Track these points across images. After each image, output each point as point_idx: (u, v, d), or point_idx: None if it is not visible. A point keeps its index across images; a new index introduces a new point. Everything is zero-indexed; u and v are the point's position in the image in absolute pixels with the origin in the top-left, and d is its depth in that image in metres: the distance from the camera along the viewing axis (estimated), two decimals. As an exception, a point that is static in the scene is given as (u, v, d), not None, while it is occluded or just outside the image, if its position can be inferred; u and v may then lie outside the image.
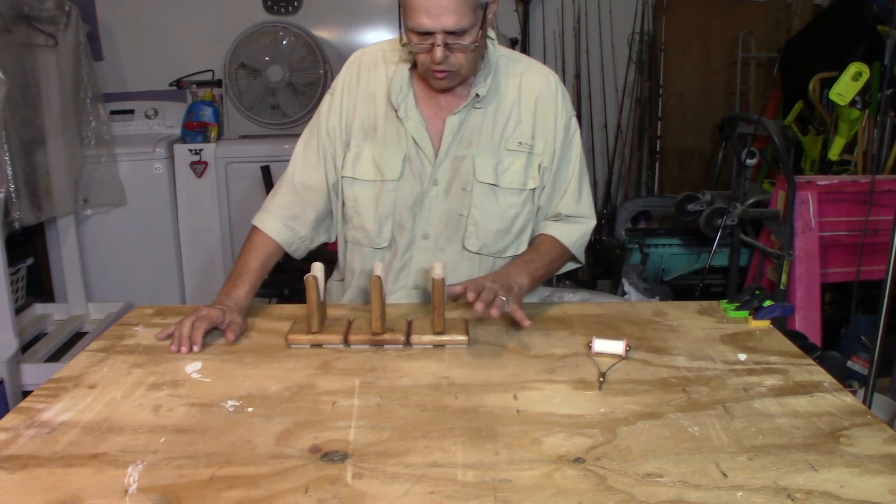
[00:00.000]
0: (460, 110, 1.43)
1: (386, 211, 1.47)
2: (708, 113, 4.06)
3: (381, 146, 1.46)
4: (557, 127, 1.48)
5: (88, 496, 0.85)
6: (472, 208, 1.46)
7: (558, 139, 1.49)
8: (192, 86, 3.76)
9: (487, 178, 1.45)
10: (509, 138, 1.46)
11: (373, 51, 1.51)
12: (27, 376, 2.85)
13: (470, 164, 1.45)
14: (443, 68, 1.32)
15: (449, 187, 1.46)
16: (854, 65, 2.74)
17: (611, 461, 0.91)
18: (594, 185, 4.16)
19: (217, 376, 1.17)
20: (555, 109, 1.48)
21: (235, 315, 1.34)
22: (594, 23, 3.98)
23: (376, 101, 1.47)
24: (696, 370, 1.18)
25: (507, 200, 1.47)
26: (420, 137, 1.44)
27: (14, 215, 2.77)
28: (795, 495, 0.84)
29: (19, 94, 2.84)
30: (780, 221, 2.58)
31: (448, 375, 1.16)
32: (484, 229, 1.47)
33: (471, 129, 1.45)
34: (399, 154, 1.45)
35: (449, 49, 1.30)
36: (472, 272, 1.50)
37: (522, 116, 1.46)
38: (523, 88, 1.47)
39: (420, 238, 1.49)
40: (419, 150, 1.45)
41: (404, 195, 1.46)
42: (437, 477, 0.88)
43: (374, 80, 1.47)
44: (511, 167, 1.46)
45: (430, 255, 1.49)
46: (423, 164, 1.45)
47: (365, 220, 1.49)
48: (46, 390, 1.12)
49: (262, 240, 1.49)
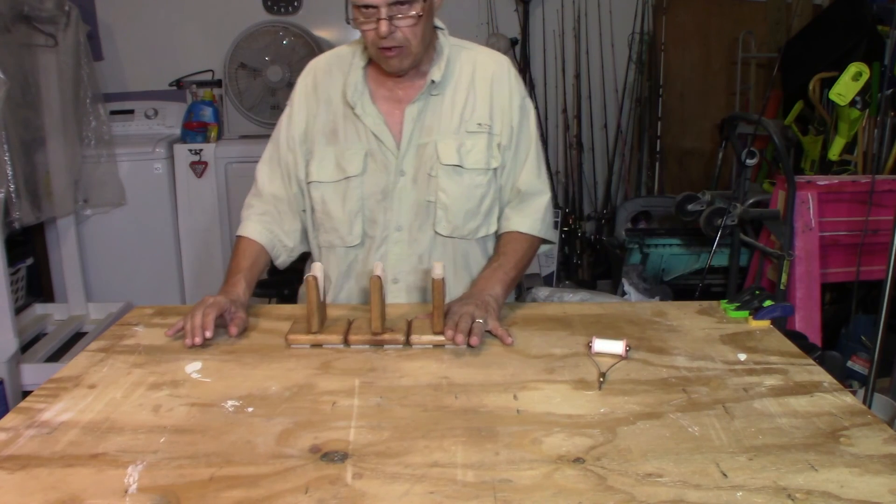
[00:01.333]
0: (418, 99, 1.46)
1: (354, 207, 1.49)
2: (708, 113, 4.06)
3: (343, 146, 1.49)
4: (513, 107, 1.52)
5: (88, 496, 0.85)
6: (440, 192, 1.48)
7: (514, 119, 1.52)
8: (192, 86, 3.76)
9: (451, 160, 1.47)
10: (468, 120, 1.49)
11: (326, 57, 1.55)
12: (27, 376, 2.85)
13: (433, 149, 1.47)
14: (390, 44, 1.34)
15: (416, 175, 1.48)
16: (854, 65, 2.73)
17: (611, 461, 0.91)
18: (594, 184, 4.17)
19: (217, 376, 1.17)
20: (509, 90, 1.51)
21: (239, 309, 1.35)
22: (594, 23, 3.97)
23: (334, 105, 1.50)
24: (696, 370, 1.18)
25: (472, 181, 1.49)
26: (380, 131, 1.47)
27: (14, 215, 2.78)
28: (795, 495, 0.84)
29: (19, 94, 2.84)
30: (780, 221, 2.58)
31: (448, 375, 1.16)
32: (453, 212, 1.49)
33: (430, 117, 1.48)
34: (360, 150, 1.48)
35: (394, 24, 1.32)
36: (446, 256, 1.52)
37: (479, 98, 1.49)
38: (477, 72, 1.51)
39: (394, 230, 1.50)
40: (381, 144, 1.47)
41: (371, 189, 1.49)
42: (437, 477, 0.88)
43: (330, 84, 1.51)
44: (474, 148, 1.48)
45: (405, 247, 1.51)
46: (387, 156, 1.48)
47: (335, 221, 1.51)
48: (46, 390, 1.12)
49: (247, 243, 1.52)
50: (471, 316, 1.29)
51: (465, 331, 1.25)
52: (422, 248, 1.51)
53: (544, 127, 4.07)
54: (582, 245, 4.08)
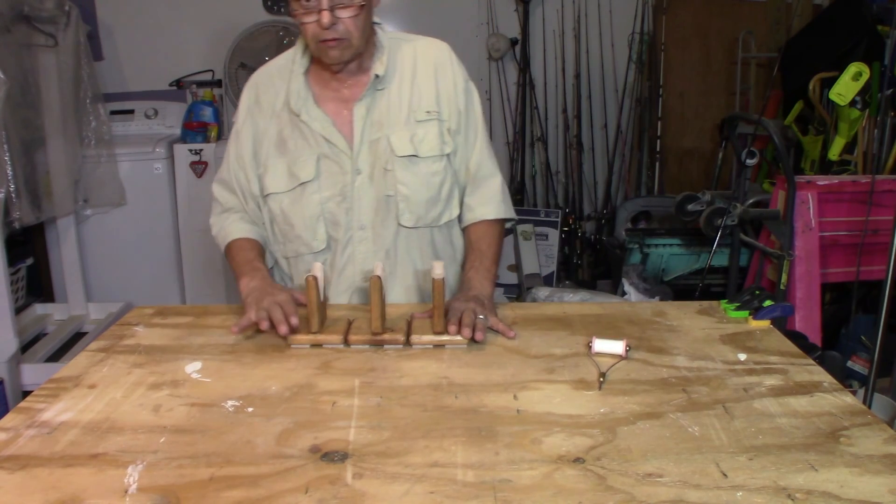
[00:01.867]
0: (364, 96, 1.46)
1: (314, 212, 1.49)
2: (708, 113, 4.06)
3: (294, 155, 1.48)
4: (458, 91, 1.52)
5: (88, 496, 0.85)
6: (399, 185, 1.47)
7: (460, 102, 1.52)
8: (192, 86, 3.76)
9: (406, 151, 1.47)
10: (416, 110, 1.49)
11: (266, 69, 1.55)
12: (27, 376, 2.85)
13: (386, 143, 1.47)
14: (331, 35, 1.34)
15: (372, 172, 1.48)
16: (854, 65, 2.73)
17: (611, 461, 0.91)
18: (594, 184, 4.17)
19: (217, 376, 1.17)
20: (452, 76, 1.52)
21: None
22: (594, 23, 3.98)
23: (279, 115, 1.50)
24: (696, 370, 1.18)
25: (429, 169, 1.49)
26: (329, 133, 1.46)
27: (14, 215, 2.78)
28: (795, 495, 0.84)
29: (19, 94, 2.84)
30: (780, 221, 2.58)
31: (448, 375, 1.16)
32: (414, 202, 1.49)
33: (379, 112, 1.47)
34: (312, 155, 1.47)
35: (336, 15, 1.32)
36: (413, 248, 1.53)
37: (423, 87, 1.50)
38: (418, 61, 1.51)
39: (357, 230, 1.50)
40: (332, 146, 1.47)
41: (328, 192, 1.48)
42: (437, 477, 0.88)
43: (274, 95, 1.50)
44: (426, 136, 1.48)
45: (370, 244, 1.50)
46: (341, 157, 1.47)
47: (297, 228, 1.50)
48: (46, 390, 1.12)
49: (240, 242, 1.52)
50: (473, 311, 1.31)
51: (470, 325, 1.27)
52: (387, 243, 1.50)
53: (544, 127, 4.07)
54: (582, 245, 4.08)
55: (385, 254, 1.51)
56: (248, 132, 1.52)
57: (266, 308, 1.29)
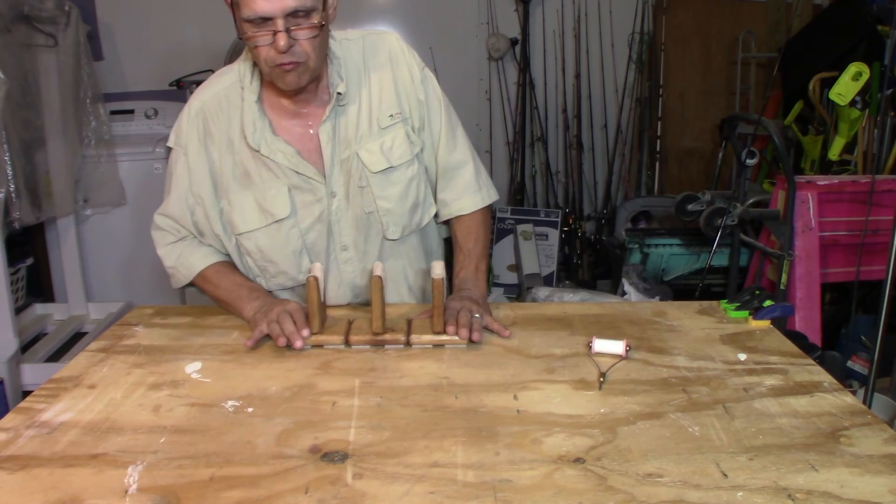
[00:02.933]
0: (328, 117, 1.36)
1: (296, 247, 1.41)
2: (708, 113, 4.06)
3: (261, 189, 1.37)
4: (415, 83, 1.42)
5: (88, 496, 0.85)
6: (378, 201, 1.41)
7: (419, 94, 1.43)
8: (192, 86, 3.75)
9: (380, 166, 1.39)
10: (380, 116, 1.39)
11: (212, 94, 1.39)
12: (27, 376, 2.85)
13: (356, 160, 1.38)
14: (288, 59, 1.21)
15: (347, 192, 1.40)
16: (854, 65, 2.73)
17: (611, 461, 0.91)
18: (594, 184, 4.17)
19: (217, 376, 1.17)
20: (407, 67, 1.42)
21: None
22: (594, 23, 3.98)
23: (236, 147, 1.37)
24: (696, 370, 1.18)
25: (404, 175, 1.42)
26: (296, 164, 1.36)
27: (14, 215, 2.78)
28: (796, 495, 0.84)
29: (19, 94, 2.84)
30: (780, 221, 2.58)
31: (448, 375, 1.16)
32: (397, 214, 1.43)
33: (345, 128, 1.38)
34: (282, 189, 1.37)
35: (293, 37, 1.20)
36: (399, 256, 1.49)
37: (384, 88, 1.40)
38: (369, 59, 1.40)
39: (340, 251, 1.44)
40: (301, 176, 1.37)
41: (307, 223, 1.40)
42: (437, 477, 0.88)
43: (226, 125, 1.37)
44: (395, 142, 1.40)
45: (356, 263, 1.46)
46: (313, 185, 1.39)
47: (280, 264, 1.43)
48: (46, 390, 1.12)
49: (215, 268, 1.44)
50: (469, 311, 1.31)
51: (467, 325, 1.27)
52: (372, 258, 1.46)
53: (544, 127, 4.07)
54: (582, 245, 4.08)
55: (375, 267, 1.47)
56: (202, 167, 1.39)
57: (276, 319, 1.28)
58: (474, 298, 1.38)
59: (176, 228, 1.46)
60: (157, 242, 1.50)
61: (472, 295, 1.40)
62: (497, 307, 1.45)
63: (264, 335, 1.29)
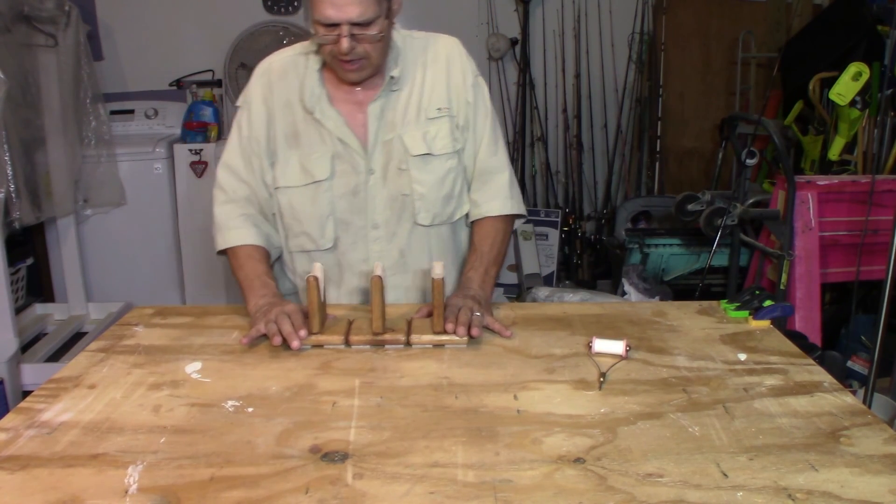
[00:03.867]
0: (379, 97, 1.47)
1: (324, 211, 1.49)
2: (708, 113, 4.06)
3: (307, 150, 1.48)
4: (466, 86, 1.52)
5: (88, 496, 0.85)
6: (414, 184, 1.49)
7: (469, 97, 1.53)
8: (192, 86, 3.76)
9: (420, 150, 1.48)
10: (427, 107, 1.50)
11: (280, 59, 1.53)
12: (27, 376, 2.85)
13: (399, 143, 1.48)
14: (350, 58, 1.35)
15: (385, 172, 1.49)
16: (854, 65, 2.73)
17: (611, 461, 0.91)
18: (594, 184, 4.17)
19: (217, 376, 1.17)
20: (462, 71, 1.52)
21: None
22: (594, 23, 3.98)
23: (293, 109, 1.49)
24: (696, 370, 1.18)
25: (442, 167, 1.50)
26: (343, 134, 1.47)
27: (14, 215, 2.78)
28: (796, 495, 0.84)
29: (19, 94, 2.84)
30: (780, 221, 2.58)
31: (448, 375, 1.16)
32: (430, 200, 1.50)
33: (392, 112, 1.48)
34: (326, 154, 1.47)
35: (355, 40, 1.33)
36: (426, 245, 1.54)
37: (435, 84, 1.50)
38: (429, 58, 1.51)
39: (371, 229, 1.50)
40: (346, 146, 1.47)
41: (340, 191, 1.49)
42: (437, 477, 0.88)
43: (287, 88, 1.49)
44: (439, 133, 1.49)
45: (384, 243, 1.51)
46: (354, 157, 1.48)
47: (305, 225, 1.50)
48: (46, 390, 1.12)
49: (247, 249, 1.49)
50: (469, 309, 1.31)
51: (466, 323, 1.28)
52: (402, 242, 1.52)
53: (544, 127, 4.07)
54: (582, 245, 4.08)
55: (399, 253, 1.52)
56: (261, 117, 1.50)
57: (275, 320, 1.29)
58: (476, 297, 1.38)
59: (230, 186, 1.53)
60: (215, 199, 1.57)
61: (475, 294, 1.40)
62: (497, 307, 1.45)
63: (261, 334, 1.29)
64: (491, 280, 1.48)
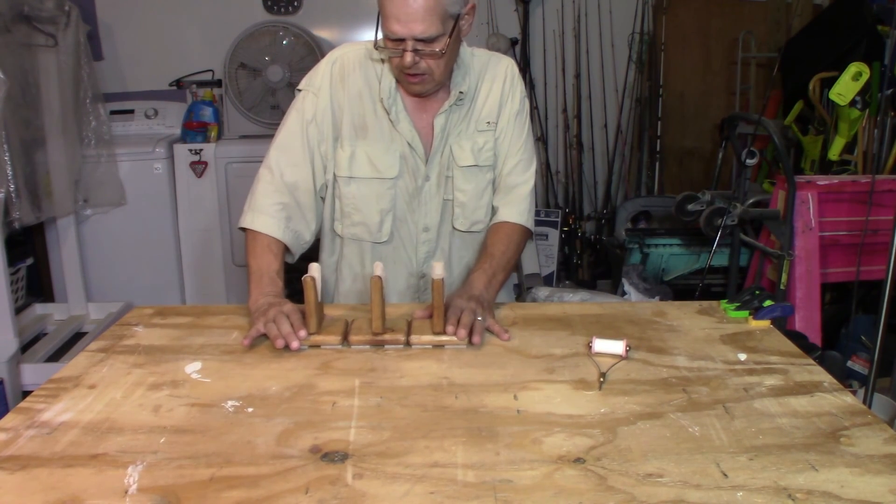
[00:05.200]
0: (445, 110, 1.50)
1: (386, 207, 1.54)
2: (708, 113, 4.06)
3: (374, 145, 1.51)
4: (513, 102, 1.57)
5: (88, 496, 0.85)
6: (457, 192, 1.55)
7: (512, 113, 1.57)
8: (192, 86, 3.76)
9: (468, 161, 1.53)
10: (479, 120, 1.55)
11: (355, 50, 1.54)
12: (27, 376, 2.85)
13: (448, 152, 1.53)
14: (413, 72, 1.38)
15: (438, 179, 1.55)
16: (854, 65, 2.73)
17: (611, 461, 0.91)
18: (594, 184, 4.17)
19: (217, 376, 1.17)
20: (512, 90, 1.57)
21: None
22: (594, 23, 3.98)
23: (363, 101, 1.50)
24: (696, 370, 1.18)
25: (484, 178, 1.57)
26: (412, 139, 1.51)
27: (14, 215, 2.78)
28: (796, 495, 0.84)
29: (19, 94, 2.84)
30: (780, 221, 2.58)
31: (448, 376, 1.16)
32: (470, 208, 1.57)
33: (453, 124, 1.53)
34: (395, 153, 1.51)
35: (419, 55, 1.36)
36: (464, 250, 1.61)
37: (491, 99, 1.55)
38: (487, 75, 1.56)
39: (422, 231, 1.57)
40: (412, 151, 1.52)
41: (402, 191, 1.54)
42: (437, 477, 0.88)
43: (360, 80, 1.51)
44: (484, 146, 1.55)
45: (432, 245, 1.58)
46: (417, 162, 1.53)
47: (366, 216, 1.54)
48: (46, 390, 1.12)
49: (272, 243, 1.47)
50: (472, 312, 1.31)
51: (467, 326, 1.27)
52: (445, 245, 1.59)
53: (544, 127, 4.07)
54: (582, 245, 4.08)
55: (443, 255, 1.59)
56: (327, 100, 1.50)
57: (273, 320, 1.28)
58: (480, 299, 1.38)
59: (281, 168, 1.51)
60: (260, 178, 1.53)
61: (479, 295, 1.39)
62: (497, 307, 1.45)
63: (261, 334, 1.29)
64: (497, 285, 1.48)
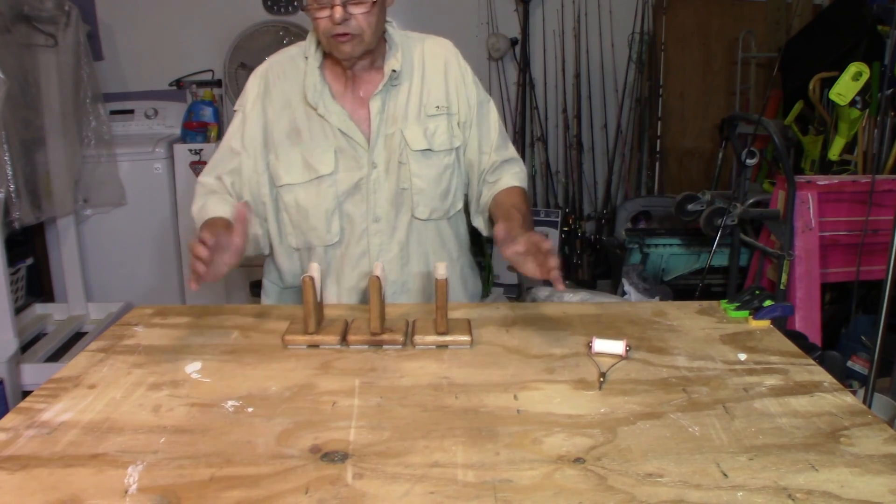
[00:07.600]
0: (380, 91, 1.49)
1: (330, 206, 1.51)
2: (708, 113, 4.06)
3: (309, 146, 1.50)
4: (468, 84, 1.57)
5: (88, 496, 0.85)
6: (413, 178, 1.52)
7: (472, 96, 1.57)
8: (192, 86, 3.76)
9: (421, 145, 1.51)
10: (426, 105, 1.53)
11: (278, 60, 1.55)
12: (27, 376, 2.85)
13: (400, 137, 1.51)
14: (343, 30, 1.37)
15: (387, 166, 1.51)
16: (854, 65, 2.73)
17: (611, 461, 0.91)
18: (594, 184, 4.17)
19: (217, 376, 1.17)
20: (460, 71, 1.57)
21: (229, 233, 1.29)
22: (594, 23, 3.98)
23: (293, 106, 1.50)
24: (696, 370, 1.18)
25: (441, 162, 1.54)
26: (347, 128, 1.49)
27: (14, 215, 2.78)
28: (796, 495, 0.84)
29: (19, 94, 2.84)
30: (780, 221, 2.58)
31: (448, 375, 1.16)
32: (428, 195, 1.54)
33: (392, 107, 1.51)
34: (329, 149, 1.49)
35: (349, 11, 1.35)
36: (424, 239, 1.57)
37: (434, 83, 1.54)
38: (427, 59, 1.55)
39: (372, 223, 1.53)
40: (349, 140, 1.49)
41: (344, 186, 1.50)
42: (437, 477, 0.88)
43: (286, 86, 1.51)
44: (437, 130, 1.53)
45: (385, 237, 1.54)
46: (357, 151, 1.50)
47: (312, 220, 1.52)
48: (46, 390, 1.12)
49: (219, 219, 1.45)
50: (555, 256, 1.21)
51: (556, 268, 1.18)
52: (401, 236, 1.54)
53: (544, 127, 4.07)
54: (582, 245, 4.08)
55: (399, 247, 1.54)
56: (256, 120, 1.52)
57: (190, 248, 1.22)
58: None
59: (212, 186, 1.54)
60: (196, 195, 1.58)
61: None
62: (497, 307, 1.45)
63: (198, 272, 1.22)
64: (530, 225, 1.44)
